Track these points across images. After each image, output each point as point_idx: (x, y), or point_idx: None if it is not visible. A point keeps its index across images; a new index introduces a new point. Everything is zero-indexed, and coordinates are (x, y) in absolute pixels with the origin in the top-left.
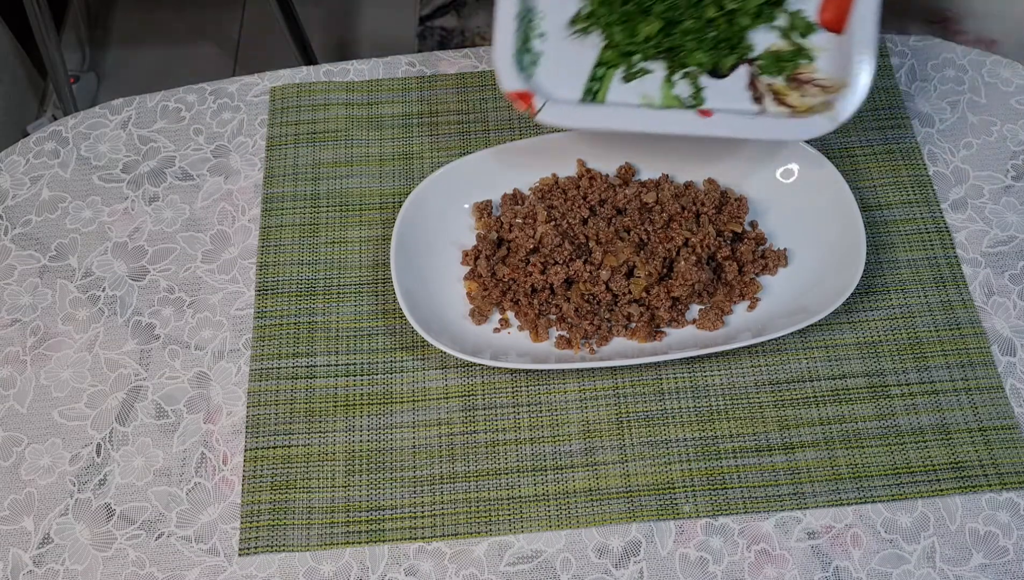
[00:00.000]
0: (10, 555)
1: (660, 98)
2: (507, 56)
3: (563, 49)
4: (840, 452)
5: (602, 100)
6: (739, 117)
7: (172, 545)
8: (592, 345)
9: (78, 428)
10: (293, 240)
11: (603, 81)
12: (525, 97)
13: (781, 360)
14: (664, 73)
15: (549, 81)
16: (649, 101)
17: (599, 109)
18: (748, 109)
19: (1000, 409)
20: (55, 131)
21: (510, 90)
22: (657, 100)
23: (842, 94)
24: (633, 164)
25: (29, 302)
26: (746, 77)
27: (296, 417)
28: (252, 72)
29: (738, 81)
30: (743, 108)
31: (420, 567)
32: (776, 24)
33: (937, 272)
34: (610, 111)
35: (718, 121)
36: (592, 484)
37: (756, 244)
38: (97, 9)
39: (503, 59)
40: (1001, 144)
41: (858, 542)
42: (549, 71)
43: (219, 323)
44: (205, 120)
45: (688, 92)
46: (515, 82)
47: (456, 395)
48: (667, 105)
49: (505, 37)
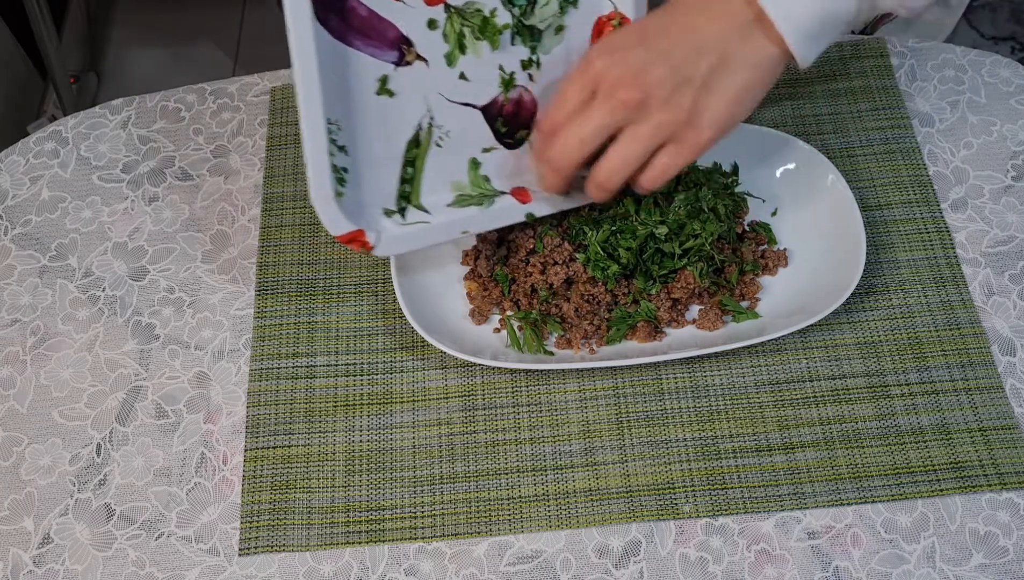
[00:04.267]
0: (10, 555)
1: (469, 183)
2: (327, 197)
3: (367, 160)
4: (840, 452)
5: (416, 200)
6: (553, 196)
7: (172, 545)
8: (592, 345)
9: (78, 428)
10: (293, 240)
11: (413, 182)
12: (357, 237)
13: (781, 360)
14: (468, 157)
15: (360, 196)
16: (462, 190)
17: (431, 228)
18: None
19: (1000, 409)
20: (55, 131)
21: (339, 234)
22: (467, 187)
23: None
24: None
25: (29, 302)
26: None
27: (296, 417)
28: (252, 72)
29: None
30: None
31: (420, 567)
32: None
33: (937, 272)
34: (440, 226)
35: (537, 203)
36: (592, 484)
37: (756, 244)
38: (97, 9)
39: (324, 202)
40: (1001, 144)
41: (858, 542)
42: (358, 185)
43: (219, 323)
44: (205, 120)
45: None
46: (343, 224)
47: (456, 395)
48: (476, 187)
49: (321, 176)
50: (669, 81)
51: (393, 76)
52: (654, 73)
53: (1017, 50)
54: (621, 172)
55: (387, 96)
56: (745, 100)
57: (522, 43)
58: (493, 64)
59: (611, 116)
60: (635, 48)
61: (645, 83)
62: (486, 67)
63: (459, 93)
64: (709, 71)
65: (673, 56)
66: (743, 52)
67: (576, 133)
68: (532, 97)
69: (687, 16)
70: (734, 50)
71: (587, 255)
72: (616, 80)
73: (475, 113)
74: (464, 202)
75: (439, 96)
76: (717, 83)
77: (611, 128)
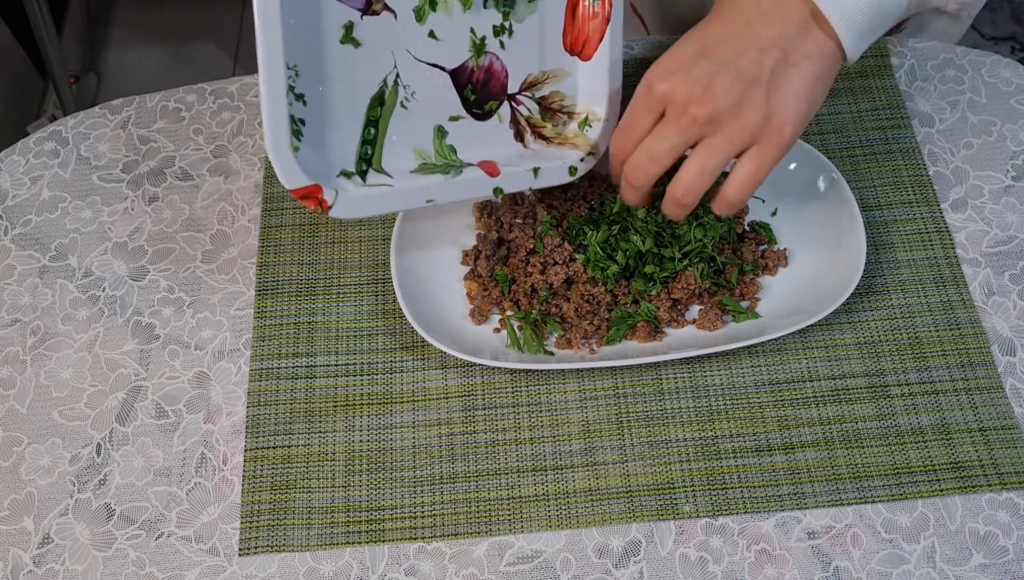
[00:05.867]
0: (10, 555)
1: (434, 152)
2: (284, 146)
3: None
4: (840, 452)
5: (378, 163)
6: (523, 172)
7: (172, 545)
8: (592, 345)
9: (78, 428)
10: (293, 240)
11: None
12: (313, 193)
13: (781, 360)
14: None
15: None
16: (425, 159)
17: (394, 193)
18: (512, 147)
19: (1000, 409)
20: (55, 131)
21: (293, 188)
22: (431, 156)
23: (595, 128)
24: None
25: (29, 302)
26: (509, 115)
27: (296, 417)
28: (252, 72)
29: (502, 120)
30: (508, 147)
31: (420, 567)
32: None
33: (937, 272)
34: (403, 191)
35: (507, 178)
36: (592, 484)
37: (756, 244)
38: (97, 9)
39: (280, 152)
40: (1001, 144)
41: (858, 542)
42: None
43: (219, 323)
44: (205, 120)
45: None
46: (298, 177)
47: (456, 395)
48: (441, 156)
49: (278, 122)
50: (737, 86)
51: (359, 25)
52: (721, 83)
53: (1017, 50)
54: (699, 186)
55: (352, 45)
56: (815, 91)
57: (495, 7)
58: (464, 25)
59: (684, 134)
60: (696, 63)
61: (714, 95)
62: (457, 28)
63: (428, 52)
64: (775, 68)
65: (737, 62)
66: (804, 47)
67: (647, 151)
68: (503, 67)
69: (743, 21)
70: (794, 46)
71: (587, 255)
72: (685, 99)
73: (443, 77)
74: (428, 170)
75: (407, 53)
76: (785, 78)
77: (685, 145)
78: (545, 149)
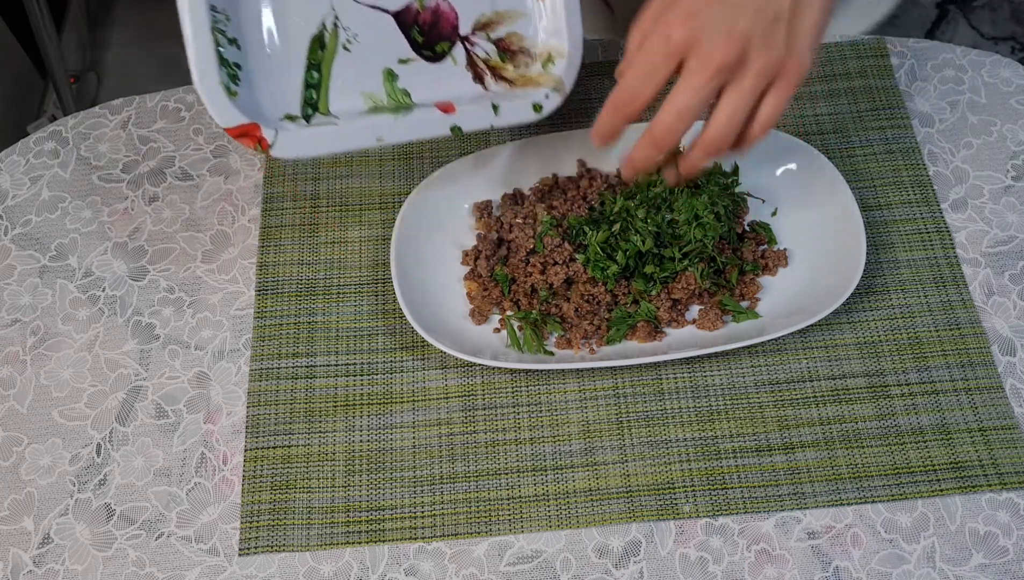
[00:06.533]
0: (10, 555)
1: (386, 95)
2: (214, 83)
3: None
4: (840, 452)
5: (324, 107)
6: (482, 110)
7: (172, 545)
8: (592, 345)
9: (78, 428)
10: (293, 240)
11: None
12: (251, 132)
13: (781, 360)
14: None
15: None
16: (377, 102)
17: (337, 130)
18: (471, 90)
19: (1000, 409)
20: (55, 131)
21: (229, 126)
22: (383, 100)
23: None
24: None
25: (29, 302)
26: (464, 57)
27: (296, 417)
28: None
29: (457, 62)
30: (467, 90)
31: (420, 567)
32: None
33: (937, 272)
34: (349, 131)
35: (464, 117)
36: (592, 484)
37: (756, 244)
38: (97, 9)
39: (211, 90)
40: (1001, 144)
41: (858, 542)
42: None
43: (219, 323)
44: (205, 120)
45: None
46: (233, 114)
47: (456, 395)
48: (396, 103)
49: (205, 59)
50: (759, 25)
51: None
52: (742, 24)
53: (1017, 50)
54: (732, 129)
55: None
56: (824, 20)
57: None
58: None
59: (712, 82)
60: (712, 6)
61: (738, 38)
62: None
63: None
64: (793, 3)
65: (755, 1)
66: None
67: (674, 108)
68: (452, 8)
69: None
70: None
71: (587, 255)
72: (710, 46)
73: (387, 19)
74: (379, 112)
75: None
76: (802, 11)
77: (713, 95)
78: (509, 91)
